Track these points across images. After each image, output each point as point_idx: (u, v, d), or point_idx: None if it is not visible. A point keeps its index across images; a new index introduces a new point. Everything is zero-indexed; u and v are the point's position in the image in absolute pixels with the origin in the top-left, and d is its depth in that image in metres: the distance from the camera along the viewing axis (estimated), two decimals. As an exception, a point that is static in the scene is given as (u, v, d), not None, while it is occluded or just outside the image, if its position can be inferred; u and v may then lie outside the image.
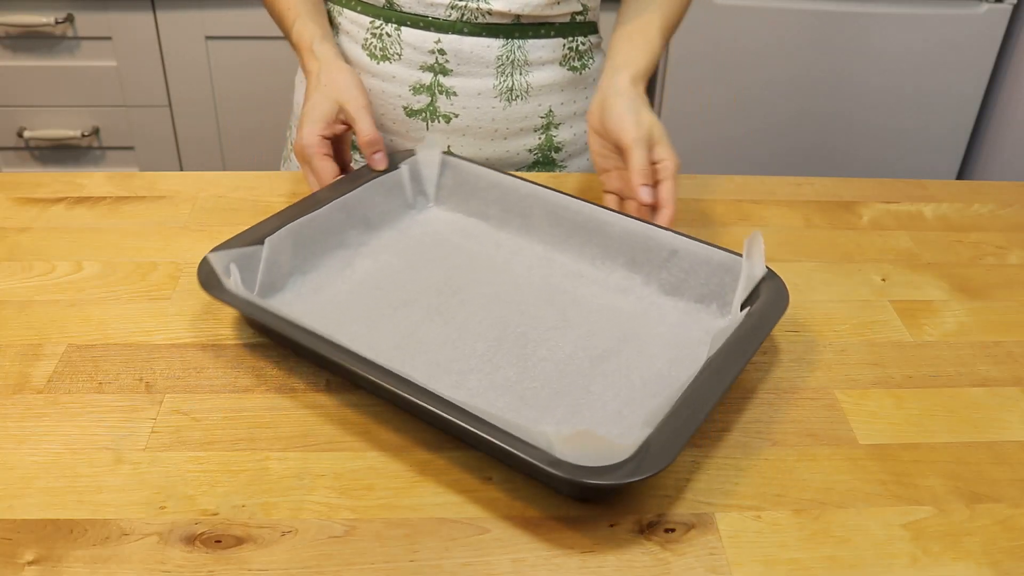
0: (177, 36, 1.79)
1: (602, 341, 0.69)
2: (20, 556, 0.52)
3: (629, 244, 0.76)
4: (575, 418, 0.62)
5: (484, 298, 0.73)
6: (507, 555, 0.54)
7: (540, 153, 0.99)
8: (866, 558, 0.55)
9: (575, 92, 0.98)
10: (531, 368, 0.66)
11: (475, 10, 0.89)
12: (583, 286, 0.76)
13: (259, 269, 0.71)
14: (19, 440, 0.60)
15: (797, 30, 1.85)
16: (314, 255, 0.76)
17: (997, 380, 0.70)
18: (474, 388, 0.64)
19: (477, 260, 0.79)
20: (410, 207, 0.85)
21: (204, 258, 0.68)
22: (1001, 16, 1.85)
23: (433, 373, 0.65)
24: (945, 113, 1.96)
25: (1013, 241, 0.90)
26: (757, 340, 0.65)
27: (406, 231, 0.82)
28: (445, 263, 0.78)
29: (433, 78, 0.92)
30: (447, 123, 0.94)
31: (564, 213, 0.79)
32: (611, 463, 0.53)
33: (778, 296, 0.69)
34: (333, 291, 0.73)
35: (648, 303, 0.74)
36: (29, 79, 1.82)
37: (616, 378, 0.65)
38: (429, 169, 0.86)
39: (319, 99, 0.84)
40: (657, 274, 0.75)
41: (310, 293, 0.73)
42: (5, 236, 0.82)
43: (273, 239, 0.72)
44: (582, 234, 0.78)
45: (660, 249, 0.75)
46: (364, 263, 0.77)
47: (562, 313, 0.72)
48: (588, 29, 0.97)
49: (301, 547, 0.54)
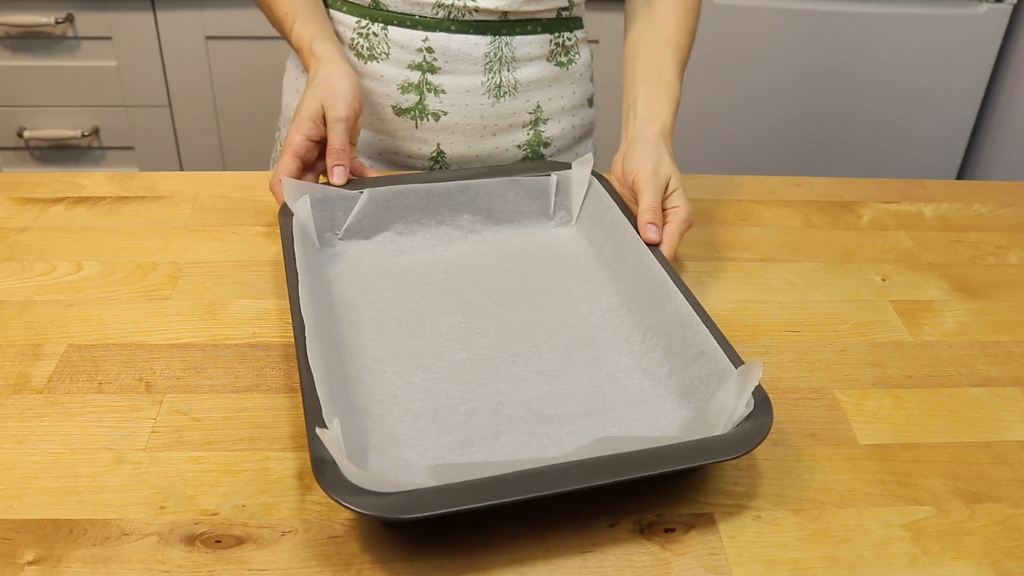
0: (177, 36, 1.79)
1: (585, 404, 0.64)
2: (20, 556, 0.52)
3: (675, 328, 0.68)
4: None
5: (506, 327, 0.71)
6: (507, 555, 0.54)
7: (529, 149, 0.99)
8: (866, 558, 0.55)
9: (562, 87, 0.98)
10: (505, 395, 0.64)
11: (462, 8, 0.89)
12: (618, 352, 0.69)
13: (351, 212, 0.78)
14: (19, 440, 0.60)
15: (797, 30, 1.85)
16: (417, 221, 0.81)
17: (997, 380, 0.70)
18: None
19: (559, 284, 0.77)
20: (548, 218, 0.85)
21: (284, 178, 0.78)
22: (1001, 16, 1.85)
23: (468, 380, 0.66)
24: (945, 113, 1.96)
25: (1013, 241, 0.90)
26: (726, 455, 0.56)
27: (529, 237, 0.83)
28: (529, 276, 0.78)
29: (421, 76, 0.92)
30: (436, 121, 0.94)
31: (647, 273, 0.73)
32: None
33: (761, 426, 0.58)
34: (410, 260, 0.78)
35: (658, 398, 0.65)
36: (29, 79, 1.82)
37: (585, 434, 0.61)
38: (579, 187, 0.85)
39: (310, 97, 0.83)
40: (679, 373, 0.66)
41: (391, 254, 0.79)
42: (5, 236, 0.82)
43: (375, 192, 0.79)
44: (646, 302, 0.72)
45: (691, 348, 0.66)
46: (461, 248, 0.81)
47: (565, 358, 0.68)
48: (574, 24, 0.98)
49: (301, 547, 0.54)
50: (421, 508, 0.50)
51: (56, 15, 1.74)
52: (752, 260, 0.84)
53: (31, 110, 1.86)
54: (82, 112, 1.87)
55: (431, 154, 0.96)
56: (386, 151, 0.98)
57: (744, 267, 0.82)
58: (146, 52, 1.80)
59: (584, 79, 1.01)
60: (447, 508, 0.50)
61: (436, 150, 0.96)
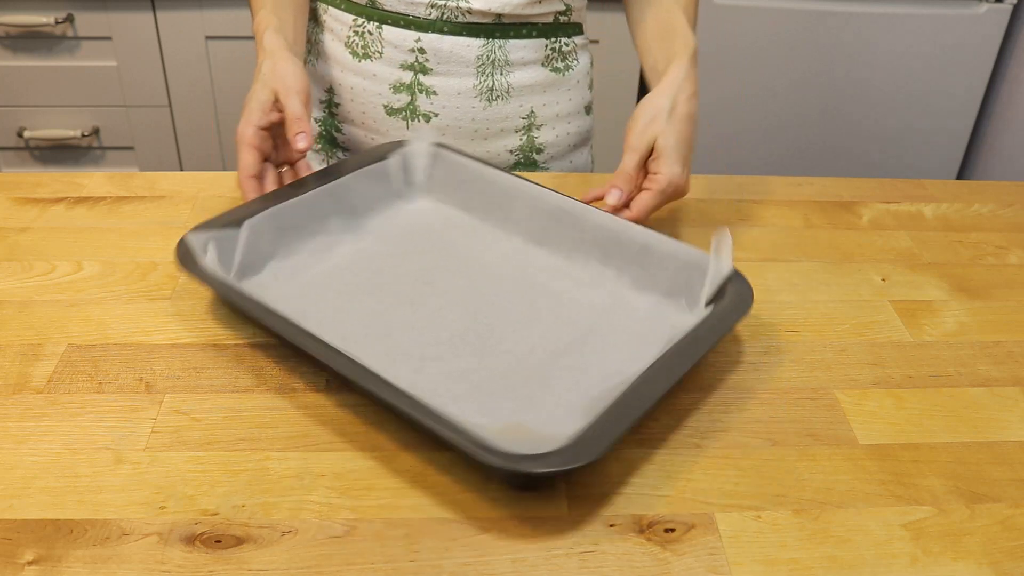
0: (177, 36, 1.79)
1: (567, 334, 0.70)
2: (20, 556, 0.52)
3: (603, 238, 0.77)
4: (527, 409, 0.62)
5: (456, 288, 0.74)
6: (507, 555, 0.54)
7: (521, 154, 0.98)
8: (866, 558, 0.55)
9: (557, 93, 0.98)
10: (492, 359, 0.67)
11: (455, 9, 0.89)
12: (556, 279, 0.76)
13: (236, 251, 0.73)
14: (19, 440, 0.60)
15: (797, 30, 1.86)
16: (295, 240, 0.77)
17: (997, 380, 0.70)
18: (432, 375, 0.65)
19: (455, 250, 0.80)
20: (398, 196, 0.85)
21: (182, 237, 0.70)
22: (1001, 16, 1.85)
23: (395, 358, 0.66)
24: (945, 113, 1.96)
25: (1013, 241, 0.90)
26: (714, 338, 0.65)
27: (391, 219, 0.83)
28: (423, 252, 0.79)
29: (413, 77, 0.92)
30: (427, 122, 0.94)
31: (542, 206, 0.80)
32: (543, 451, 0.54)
33: (742, 296, 0.69)
34: (309, 276, 0.75)
35: (618, 297, 0.75)
36: (29, 79, 1.82)
37: (574, 372, 0.66)
38: (420, 159, 0.86)
39: (258, 88, 0.80)
40: (628, 268, 0.76)
41: (287, 277, 0.74)
42: (5, 236, 0.82)
43: (253, 222, 0.74)
44: (558, 228, 0.79)
45: (632, 244, 0.76)
46: (344, 250, 0.78)
47: (532, 306, 0.73)
48: (572, 30, 0.97)
49: (301, 547, 0.54)
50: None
51: (56, 15, 1.74)
52: (752, 260, 0.84)
53: (31, 110, 1.86)
54: (82, 112, 1.87)
55: None
56: None
57: (744, 267, 0.82)
58: (146, 52, 1.80)
59: (582, 86, 1.00)
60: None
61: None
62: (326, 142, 1.02)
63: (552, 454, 0.54)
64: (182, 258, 0.69)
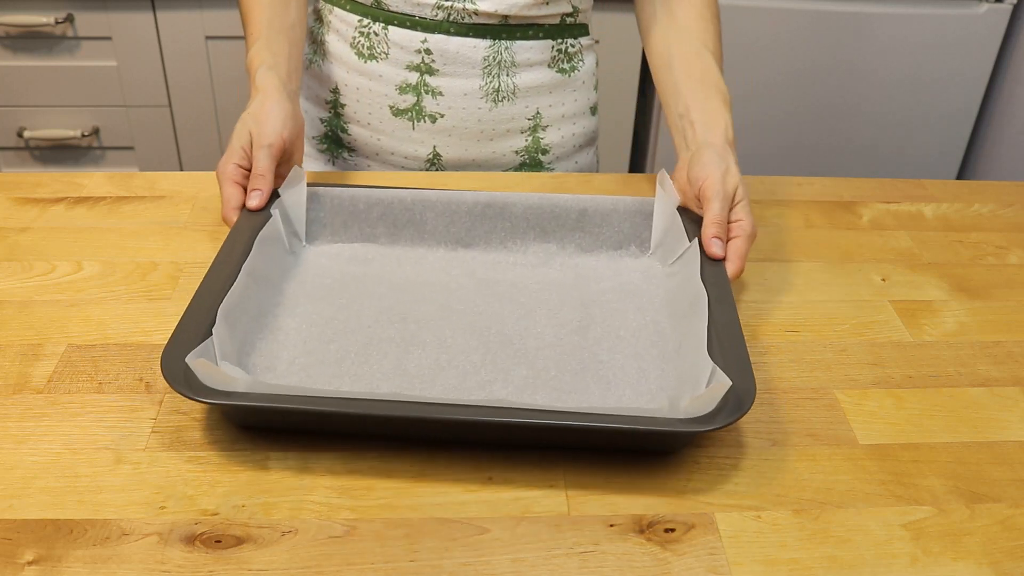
0: (177, 36, 1.79)
1: (569, 313, 0.71)
2: (20, 556, 0.52)
3: (536, 217, 0.78)
4: (612, 386, 0.64)
5: (435, 316, 0.70)
6: (507, 555, 0.54)
7: (527, 155, 0.98)
8: (866, 558, 0.55)
9: (563, 94, 0.98)
10: (536, 361, 0.66)
11: (461, 10, 0.89)
12: (508, 271, 0.77)
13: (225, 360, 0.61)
14: (19, 440, 0.60)
15: (797, 30, 1.86)
16: (245, 336, 0.66)
17: (997, 380, 0.70)
18: (506, 394, 0.63)
19: (392, 283, 0.74)
20: (291, 253, 0.77)
21: (188, 362, 0.58)
22: (1001, 16, 1.85)
23: (458, 395, 0.63)
24: (945, 113, 1.96)
25: (1013, 241, 0.90)
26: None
27: (303, 280, 0.74)
28: (365, 297, 0.72)
29: (419, 78, 0.92)
30: (433, 123, 0.94)
31: (458, 208, 0.79)
32: (713, 408, 0.57)
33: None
34: (286, 364, 0.65)
35: (572, 265, 0.77)
36: (29, 79, 1.82)
37: (610, 340, 0.68)
38: (296, 208, 0.78)
39: (240, 127, 0.81)
40: (571, 237, 0.78)
41: (264, 373, 0.64)
42: (5, 236, 0.82)
43: (216, 328, 0.62)
44: (483, 223, 0.79)
45: (569, 213, 0.78)
46: (288, 323, 0.69)
47: (513, 302, 0.72)
48: (578, 31, 0.97)
49: (301, 547, 0.54)
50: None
51: (56, 15, 1.74)
52: (752, 260, 0.84)
53: (31, 110, 1.86)
54: (82, 112, 1.87)
55: (427, 156, 0.96)
56: (383, 151, 0.98)
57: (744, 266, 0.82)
58: (146, 52, 1.81)
59: (587, 87, 1.01)
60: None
61: (432, 152, 0.96)
62: (332, 142, 1.02)
63: (724, 407, 0.58)
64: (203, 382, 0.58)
